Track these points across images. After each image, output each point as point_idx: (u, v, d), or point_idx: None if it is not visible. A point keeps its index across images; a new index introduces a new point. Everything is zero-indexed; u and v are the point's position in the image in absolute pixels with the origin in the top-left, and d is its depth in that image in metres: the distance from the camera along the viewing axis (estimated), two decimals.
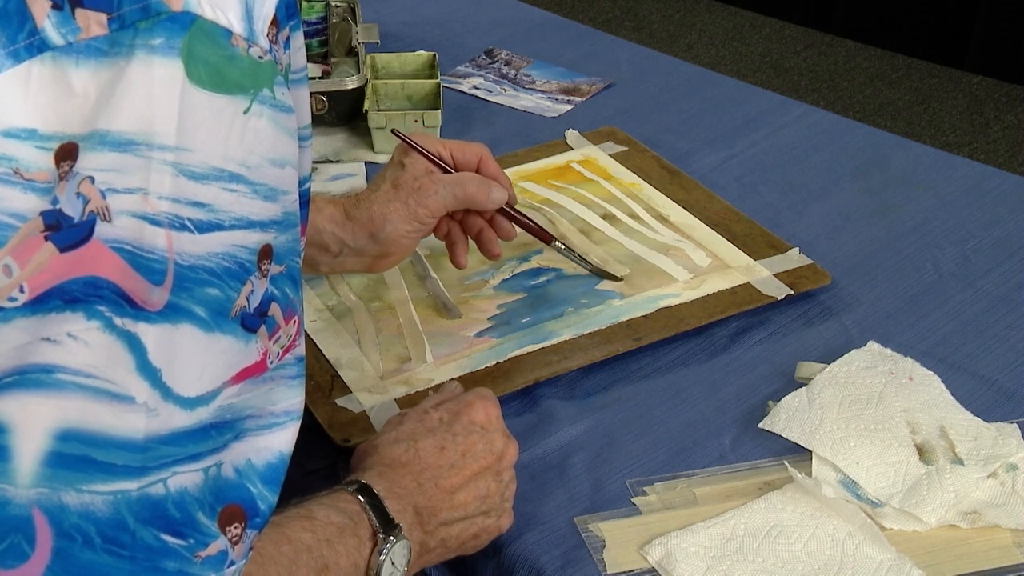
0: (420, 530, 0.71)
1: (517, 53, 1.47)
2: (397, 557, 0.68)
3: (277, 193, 0.53)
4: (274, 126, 0.52)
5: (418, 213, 0.90)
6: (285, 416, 0.57)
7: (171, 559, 0.51)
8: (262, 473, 0.55)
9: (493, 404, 0.78)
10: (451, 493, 0.73)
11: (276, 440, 0.56)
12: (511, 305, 1.00)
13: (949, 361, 0.93)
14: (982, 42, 2.96)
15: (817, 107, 1.35)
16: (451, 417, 0.76)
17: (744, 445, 0.85)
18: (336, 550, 0.65)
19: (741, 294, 0.99)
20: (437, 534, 0.72)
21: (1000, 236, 1.09)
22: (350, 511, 0.68)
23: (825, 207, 1.14)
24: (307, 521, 0.65)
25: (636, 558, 0.76)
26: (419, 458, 0.73)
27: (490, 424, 0.76)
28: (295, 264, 0.56)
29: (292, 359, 0.57)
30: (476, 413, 0.76)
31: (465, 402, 0.77)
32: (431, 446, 0.74)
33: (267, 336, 0.54)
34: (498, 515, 0.76)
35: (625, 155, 1.21)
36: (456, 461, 0.74)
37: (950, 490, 0.79)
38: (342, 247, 0.92)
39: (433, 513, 0.72)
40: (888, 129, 1.67)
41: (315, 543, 0.64)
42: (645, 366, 0.94)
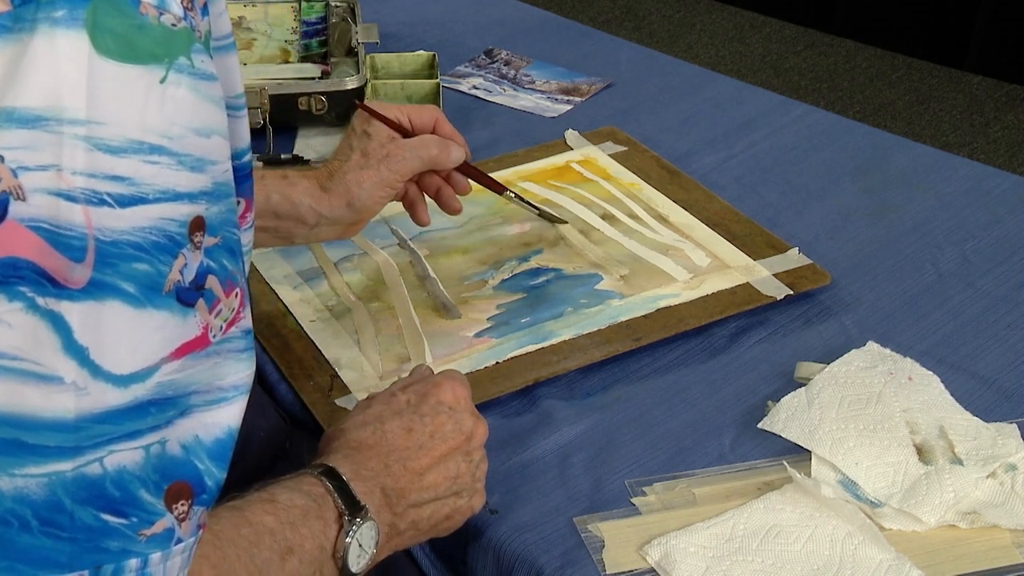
0: (389, 512, 0.70)
1: (517, 53, 1.47)
2: (365, 539, 0.67)
3: (204, 163, 0.52)
4: (195, 95, 0.51)
5: (390, 179, 0.94)
6: (234, 390, 0.56)
7: (113, 539, 0.50)
8: (210, 449, 0.54)
9: (461, 384, 0.77)
10: (420, 475, 0.72)
11: (224, 415, 0.55)
12: (510, 305, 1.00)
13: (948, 361, 0.93)
14: (982, 42, 2.96)
15: (817, 107, 1.35)
16: (418, 399, 0.75)
17: (743, 445, 0.85)
18: (300, 532, 0.64)
19: (741, 294, 0.99)
20: (407, 516, 0.71)
21: (1000, 236, 1.09)
22: (314, 494, 0.67)
23: (825, 207, 1.14)
24: (269, 504, 0.64)
25: (635, 558, 0.76)
26: (386, 440, 0.72)
27: (458, 404, 0.76)
28: (232, 235, 0.55)
29: (239, 332, 0.56)
30: (444, 393, 0.76)
31: (433, 383, 0.77)
32: (398, 428, 0.73)
33: (207, 310, 0.53)
34: (470, 495, 0.75)
35: (625, 155, 1.21)
36: (424, 442, 0.73)
37: (949, 490, 0.79)
38: (319, 219, 0.94)
39: (402, 495, 0.71)
40: (888, 129, 1.67)
41: (278, 526, 0.63)
42: (644, 366, 0.94)
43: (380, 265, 1.06)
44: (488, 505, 0.81)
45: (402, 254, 1.07)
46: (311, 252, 1.08)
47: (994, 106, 2.87)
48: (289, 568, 0.63)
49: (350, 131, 0.97)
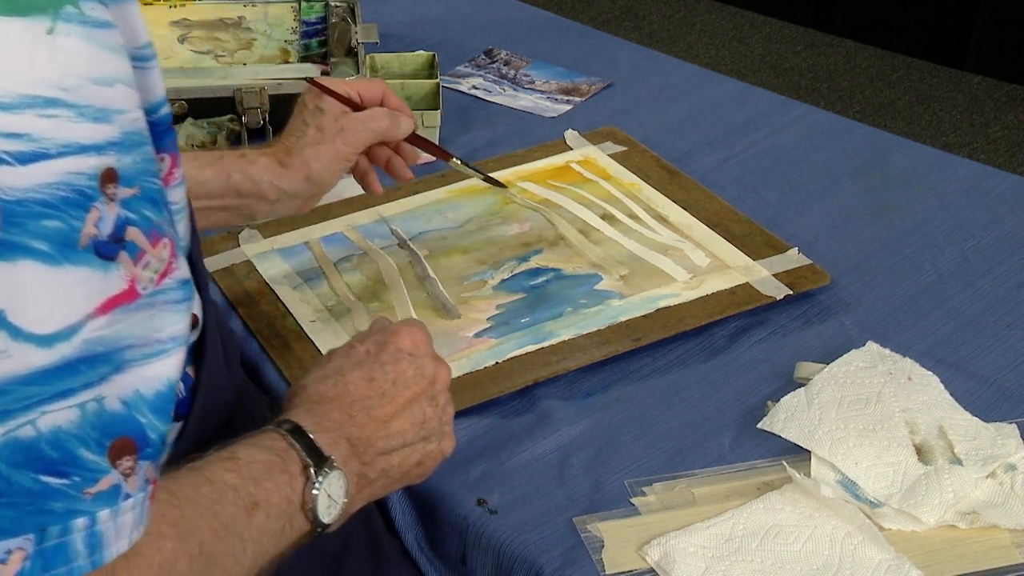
0: (357, 461, 0.70)
1: (516, 53, 1.47)
2: (333, 490, 0.67)
3: (109, 113, 0.51)
4: (89, 44, 0.50)
5: (345, 152, 0.96)
6: (172, 342, 0.55)
7: (56, 500, 0.50)
8: (151, 403, 0.54)
9: (420, 330, 0.77)
10: (385, 422, 0.71)
11: (164, 367, 0.55)
12: (510, 305, 1.00)
13: (948, 361, 0.93)
14: (982, 42, 2.96)
15: (817, 107, 1.35)
16: (378, 348, 0.75)
17: (743, 445, 0.85)
18: (265, 487, 0.63)
19: (740, 294, 0.99)
20: (376, 464, 0.71)
21: (1000, 236, 1.09)
22: (276, 448, 0.66)
23: (824, 207, 1.14)
24: (230, 462, 0.63)
25: (635, 558, 0.76)
26: (348, 391, 0.72)
27: (418, 350, 0.75)
28: (152, 185, 0.54)
29: (173, 283, 0.55)
30: (403, 340, 0.75)
31: (392, 331, 0.76)
32: (359, 378, 0.72)
33: (131, 262, 0.52)
34: (439, 439, 0.75)
35: (624, 155, 1.21)
36: (387, 390, 0.72)
37: (949, 490, 0.79)
38: (280, 194, 0.95)
39: (369, 443, 0.70)
40: (888, 129, 1.67)
41: (240, 482, 0.62)
42: (644, 366, 0.94)
43: (380, 265, 1.06)
44: (488, 505, 0.81)
45: (402, 254, 1.07)
46: (311, 252, 1.08)
47: (994, 106, 2.87)
48: (256, 522, 0.62)
49: (301, 107, 0.99)
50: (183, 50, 1.36)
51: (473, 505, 0.81)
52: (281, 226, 1.12)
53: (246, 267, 1.07)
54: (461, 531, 0.81)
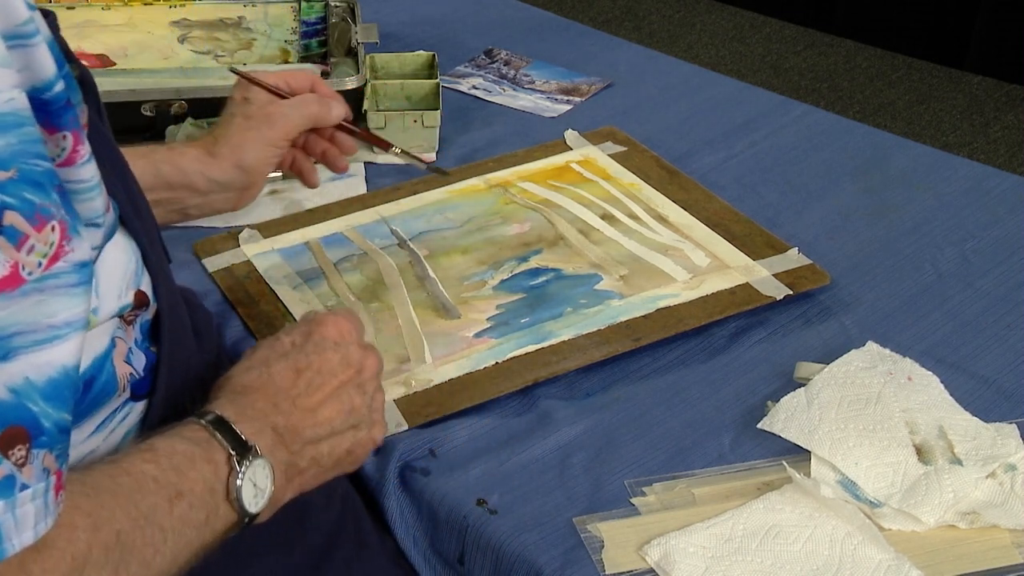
0: (285, 451, 0.69)
1: (516, 53, 1.47)
2: (259, 479, 0.66)
3: None
4: None
5: (273, 138, 0.96)
6: (67, 327, 0.54)
7: None
8: (43, 390, 0.53)
9: (346, 318, 0.76)
10: (313, 411, 0.71)
11: (58, 354, 0.53)
12: (510, 305, 1.00)
13: (948, 361, 0.93)
14: (982, 42, 2.96)
15: (817, 107, 1.35)
16: (303, 338, 0.74)
17: (743, 445, 0.85)
18: (188, 477, 0.63)
19: (740, 294, 0.99)
20: (305, 453, 0.70)
21: (999, 236, 1.09)
22: (197, 439, 0.65)
23: (824, 207, 1.14)
24: (148, 453, 0.63)
25: (635, 558, 0.76)
26: (272, 381, 0.71)
27: (343, 338, 0.75)
28: (31, 167, 0.52)
29: (67, 267, 0.54)
30: (328, 329, 0.75)
31: (317, 321, 0.76)
32: (284, 368, 0.72)
33: (12, 247, 0.51)
34: (369, 427, 0.74)
35: (624, 155, 1.21)
36: (313, 379, 0.72)
37: (949, 490, 0.79)
38: (210, 185, 0.95)
39: (296, 432, 0.70)
40: (888, 129, 1.67)
41: (160, 472, 0.62)
42: (644, 366, 0.94)
43: (380, 265, 1.06)
44: (488, 505, 0.81)
45: (402, 254, 1.07)
46: (311, 252, 1.08)
47: (994, 106, 2.87)
48: (178, 512, 0.62)
49: (230, 100, 0.99)
50: (183, 50, 1.36)
51: (473, 505, 0.81)
52: (281, 226, 1.12)
53: (246, 267, 1.07)
54: (460, 531, 0.81)
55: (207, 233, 1.12)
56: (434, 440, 0.87)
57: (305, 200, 1.18)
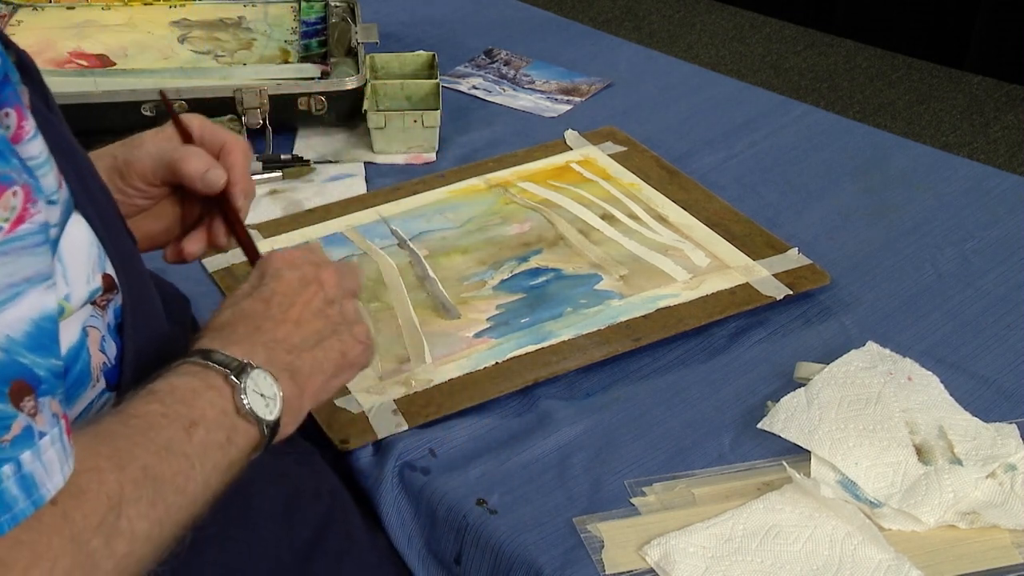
0: (283, 356, 0.70)
1: (516, 53, 1.47)
2: (263, 388, 0.67)
3: None
4: None
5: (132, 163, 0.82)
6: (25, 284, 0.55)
7: None
8: (25, 344, 0.54)
9: (292, 249, 0.77)
10: (296, 322, 0.72)
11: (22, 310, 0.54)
12: (510, 305, 1.00)
13: (948, 361, 0.93)
14: (982, 42, 2.96)
15: (817, 107, 1.35)
16: (258, 278, 0.76)
17: (743, 445, 0.85)
18: (195, 406, 0.64)
19: (740, 294, 0.99)
20: (304, 360, 0.71)
21: (999, 236, 1.09)
22: (191, 371, 0.66)
23: (824, 207, 1.14)
24: (150, 395, 0.64)
25: (635, 558, 0.76)
26: (246, 313, 0.72)
27: (294, 263, 0.76)
28: None
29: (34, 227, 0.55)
30: (277, 261, 0.76)
31: (263, 259, 0.77)
32: (253, 302, 0.73)
33: None
34: (349, 329, 0.75)
35: (624, 155, 1.21)
36: (282, 301, 0.73)
37: (949, 490, 0.79)
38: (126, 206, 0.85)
39: (287, 341, 0.71)
40: (888, 129, 1.67)
41: (166, 408, 0.63)
42: (644, 366, 0.94)
43: (380, 265, 1.06)
44: (488, 505, 0.81)
45: (402, 254, 1.07)
46: None
47: (994, 106, 2.87)
48: (197, 438, 0.63)
49: None
50: (183, 50, 1.36)
51: (473, 505, 0.81)
52: (281, 226, 1.12)
53: (246, 267, 1.06)
54: (460, 531, 0.81)
55: None
56: (434, 440, 0.87)
57: (305, 200, 1.18)
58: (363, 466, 0.86)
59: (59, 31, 1.39)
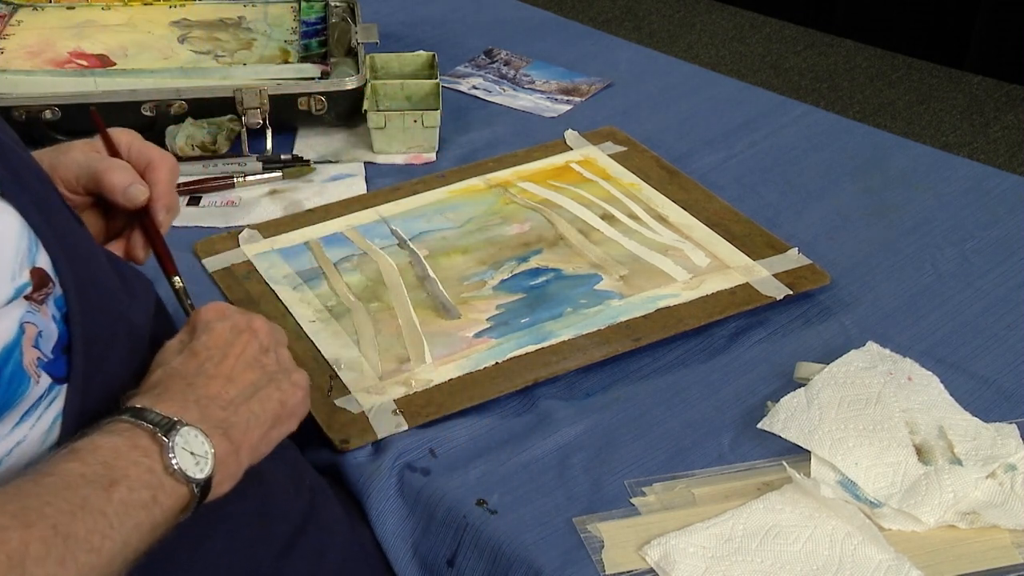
0: (216, 413, 0.68)
1: (516, 53, 1.47)
2: (194, 446, 0.65)
3: None
4: None
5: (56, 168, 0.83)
6: None
7: None
8: None
9: (218, 303, 0.76)
10: (229, 376, 0.71)
11: None
12: (510, 305, 1.00)
13: (948, 361, 0.93)
14: (982, 42, 2.96)
15: (817, 107, 1.35)
16: (188, 332, 0.75)
17: (743, 445, 0.85)
18: (117, 465, 0.62)
19: (740, 294, 0.99)
20: (239, 414, 0.70)
21: (999, 236, 1.09)
22: (118, 430, 0.64)
23: (824, 207, 1.14)
24: (70, 454, 0.62)
25: (635, 558, 0.76)
26: (177, 371, 0.70)
27: (223, 314, 0.75)
28: None
29: None
30: (206, 314, 0.75)
31: (193, 315, 0.76)
32: (185, 359, 0.71)
33: None
34: (287, 375, 0.74)
35: (624, 155, 1.21)
36: (213, 355, 0.72)
37: (949, 490, 0.79)
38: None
39: (221, 396, 0.69)
40: (888, 129, 1.67)
41: (87, 468, 0.61)
42: (644, 366, 0.94)
43: (379, 265, 1.06)
44: (488, 505, 0.81)
45: (401, 254, 1.07)
46: (311, 252, 1.08)
47: (994, 106, 2.87)
48: (118, 496, 0.61)
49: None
50: (183, 50, 1.36)
51: (473, 505, 0.81)
52: (281, 226, 1.12)
53: (246, 267, 1.07)
54: (458, 532, 0.81)
55: (207, 233, 1.12)
56: (434, 440, 0.87)
57: (305, 200, 1.18)
58: (356, 462, 0.86)
59: (59, 31, 1.39)
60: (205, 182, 1.19)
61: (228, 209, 1.17)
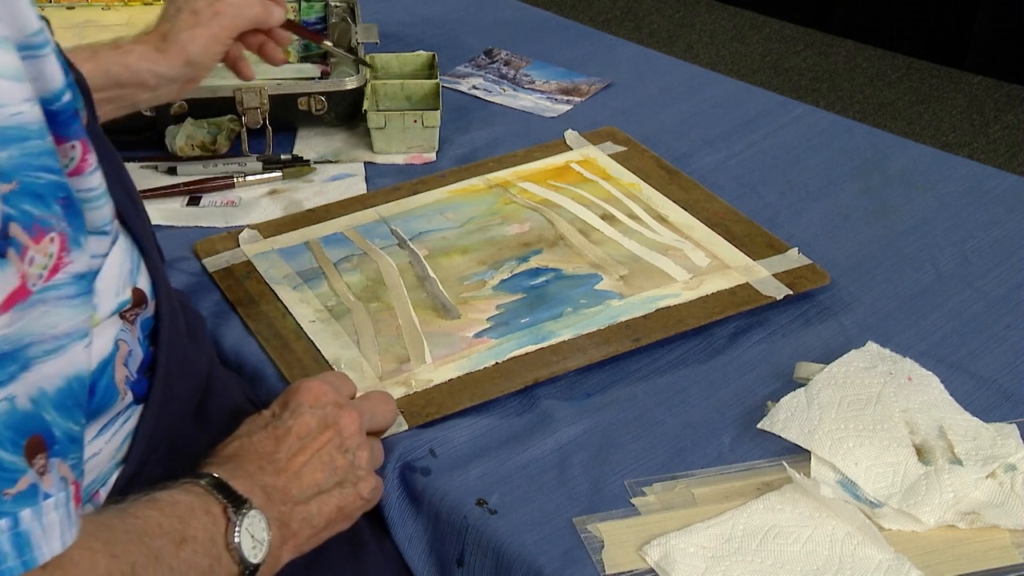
0: (275, 509, 0.70)
1: (516, 53, 1.47)
2: (256, 530, 0.67)
3: None
4: None
5: (220, 35, 1.03)
6: (67, 338, 0.55)
7: None
8: (54, 400, 0.54)
9: (321, 381, 0.77)
10: (297, 473, 0.72)
11: (62, 364, 0.54)
12: (510, 305, 1.00)
13: (948, 361, 0.93)
14: (982, 42, 2.96)
15: (817, 107, 1.35)
16: (280, 407, 0.76)
17: (743, 445, 0.85)
18: (190, 524, 0.64)
19: (740, 294, 0.99)
20: (296, 514, 0.71)
21: (999, 236, 1.09)
22: (195, 491, 0.67)
23: (824, 207, 1.14)
24: (152, 503, 0.64)
25: (635, 558, 0.76)
26: (255, 449, 0.72)
27: (319, 401, 0.76)
28: (33, 180, 0.53)
29: (67, 278, 0.55)
30: (303, 395, 0.76)
31: (293, 389, 0.77)
32: (265, 437, 0.73)
33: (18, 258, 0.52)
34: (354, 483, 0.75)
35: (624, 155, 1.21)
36: (293, 444, 0.73)
37: (949, 490, 0.79)
38: (159, 80, 1.00)
39: (284, 491, 0.71)
40: (888, 129, 1.67)
41: (165, 519, 0.63)
42: (644, 366, 0.94)
43: (380, 265, 1.06)
44: (488, 505, 0.81)
45: (401, 254, 1.07)
46: (311, 252, 1.08)
47: (994, 106, 2.87)
48: (184, 556, 0.63)
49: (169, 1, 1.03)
50: None
51: (473, 505, 0.81)
52: (281, 226, 1.12)
53: (246, 267, 1.07)
54: (460, 531, 0.81)
55: (207, 233, 1.12)
56: (434, 440, 0.87)
57: (305, 200, 1.18)
58: None
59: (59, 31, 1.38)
60: (205, 182, 1.19)
61: (228, 209, 1.17)
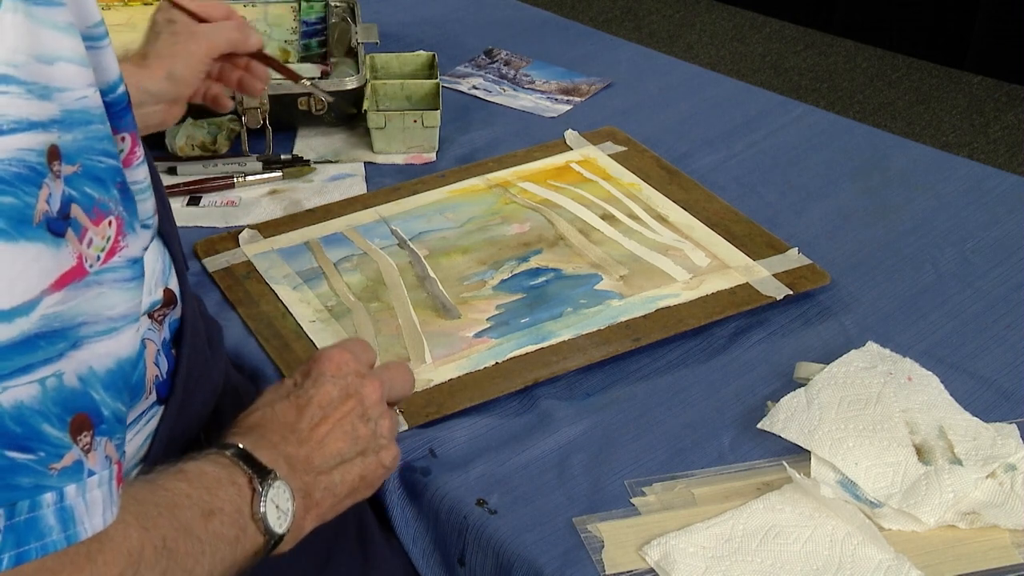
0: (299, 479, 0.70)
1: (516, 53, 1.47)
2: (281, 500, 0.67)
3: (51, 91, 0.52)
4: (31, 21, 0.51)
5: (199, 53, 1.03)
6: (122, 320, 0.56)
7: (23, 475, 0.50)
8: (103, 380, 0.54)
9: (342, 349, 0.77)
10: (320, 443, 0.72)
11: (115, 346, 0.55)
12: (510, 305, 1.00)
13: (948, 361, 0.93)
14: (982, 42, 2.96)
15: (817, 107, 1.35)
16: (302, 377, 0.76)
17: (743, 445, 0.85)
18: (218, 495, 0.64)
19: (740, 294, 0.99)
20: (319, 483, 0.72)
21: (999, 236, 1.09)
22: (221, 463, 0.67)
23: (824, 207, 1.14)
24: (180, 474, 0.65)
25: (635, 558, 0.76)
26: (277, 418, 0.73)
27: (340, 370, 0.76)
28: (96, 163, 0.55)
29: (122, 262, 0.56)
30: (324, 364, 0.76)
31: (315, 358, 0.77)
32: (287, 407, 0.73)
33: (77, 239, 0.53)
34: (376, 452, 0.75)
35: (624, 155, 1.21)
36: (315, 413, 0.73)
37: (949, 490, 0.79)
38: (142, 95, 1.00)
39: (307, 461, 0.71)
40: (888, 129, 1.67)
41: (193, 491, 0.63)
42: (644, 366, 0.94)
43: (380, 265, 1.06)
44: (488, 505, 0.81)
45: (401, 254, 1.07)
46: (311, 252, 1.08)
47: (994, 106, 2.87)
48: (212, 528, 0.63)
49: (152, 23, 1.05)
50: None
51: (473, 505, 0.81)
52: (281, 226, 1.12)
53: (246, 267, 1.07)
54: (461, 531, 0.81)
55: (207, 233, 1.12)
56: (434, 440, 0.87)
57: (305, 200, 1.18)
58: None
59: None
60: (205, 182, 1.19)
61: (228, 209, 1.17)
